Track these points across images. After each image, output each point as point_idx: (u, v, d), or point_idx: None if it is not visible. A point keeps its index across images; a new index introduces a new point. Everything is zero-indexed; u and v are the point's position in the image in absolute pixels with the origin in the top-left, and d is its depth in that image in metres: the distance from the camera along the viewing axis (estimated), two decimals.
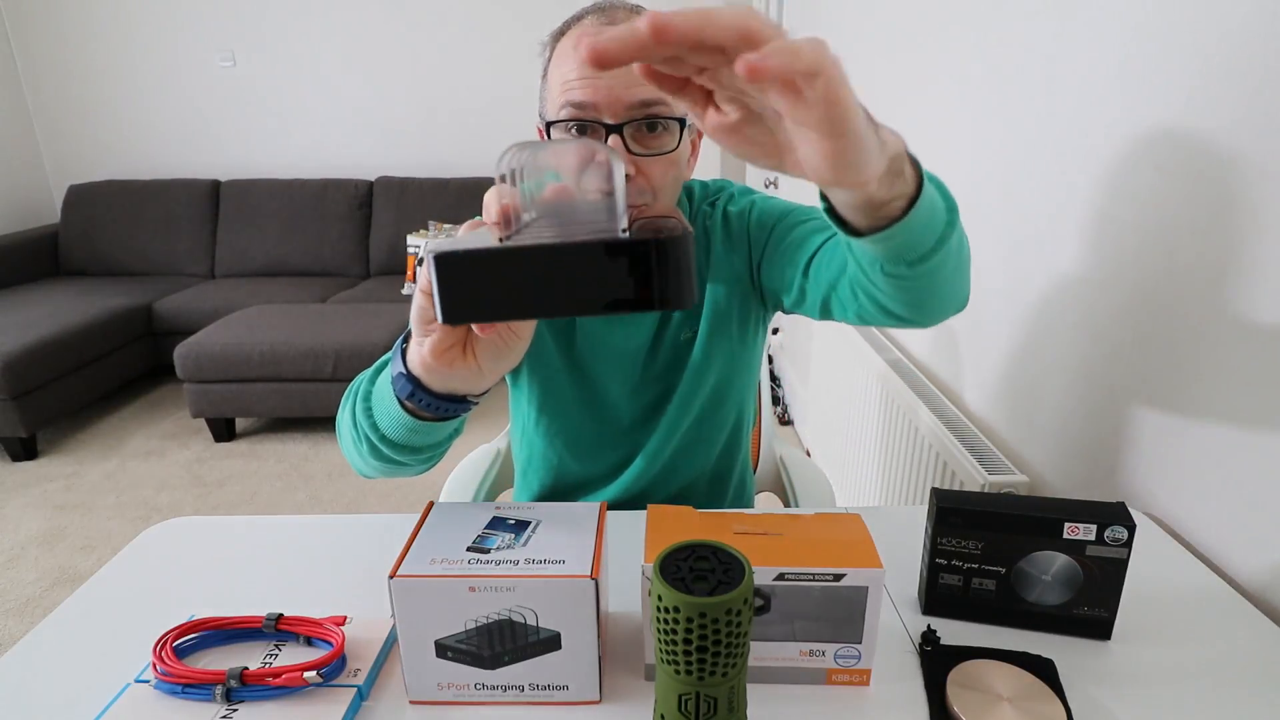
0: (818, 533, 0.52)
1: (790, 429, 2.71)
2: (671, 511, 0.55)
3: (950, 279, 0.57)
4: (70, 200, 3.45)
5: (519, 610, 0.47)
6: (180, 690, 0.50)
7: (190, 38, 3.47)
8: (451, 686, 0.50)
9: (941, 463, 1.12)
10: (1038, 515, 0.54)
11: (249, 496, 2.30)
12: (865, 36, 1.81)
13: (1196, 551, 0.72)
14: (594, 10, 0.72)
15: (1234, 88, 0.68)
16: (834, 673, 0.52)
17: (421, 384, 0.53)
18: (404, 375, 0.53)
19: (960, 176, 1.25)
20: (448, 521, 0.53)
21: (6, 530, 2.12)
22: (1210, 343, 0.71)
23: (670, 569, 0.38)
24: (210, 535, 0.72)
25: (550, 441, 0.88)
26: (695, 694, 0.38)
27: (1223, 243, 0.69)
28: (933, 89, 1.37)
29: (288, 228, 3.47)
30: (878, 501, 1.48)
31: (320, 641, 0.55)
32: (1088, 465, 0.91)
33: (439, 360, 0.50)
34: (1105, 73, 0.86)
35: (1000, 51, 1.11)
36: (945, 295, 0.58)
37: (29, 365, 2.44)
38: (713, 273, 0.83)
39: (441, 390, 0.53)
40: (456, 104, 3.61)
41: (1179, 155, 0.75)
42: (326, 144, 3.66)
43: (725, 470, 0.93)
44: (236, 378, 2.55)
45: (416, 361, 0.52)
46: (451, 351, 0.51)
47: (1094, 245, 0.89)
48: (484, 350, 0.51)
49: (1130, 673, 0.53)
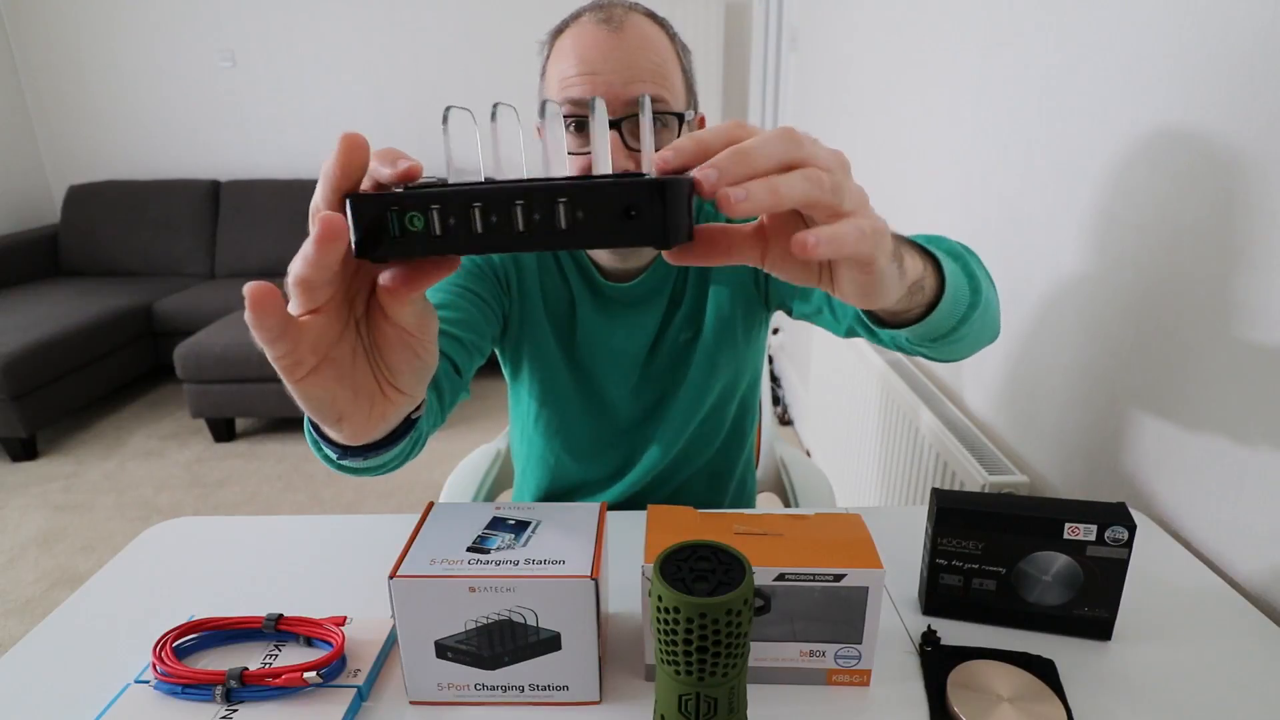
0: (818, 533, 0.52)
1: (790, 429, 2.71)
2: (671, 511, 0.55)
3: (975, 338, 0.60)
4: (70, 200, 3.45)
5: (519, 610, 0.47)
6: (180, 691, 0.50)
7: (190, 38, 3.47)
8: (451, 687, 0.50)
9: (942, 463, 1.12)
10: (1038, 515, 0.54)
11: (249, 496, 2.30)
12: (866, 36, 1.81)
13: (1196, 551, 0.72)
14: (592, 8, 0.72)
15: (1234, 88, 0.68)
16: (834, 673, 0.52)
17: (347, 448, 0.46)
18: (326, 447, 0.47)
19: (961, 176, 1.25)
20: (448, 522, 0.52)
21: (6, 530, 2.12)
22: (1211, 343, 0.71)
23: (670, 569, 0.38)
24: (210, 535, 0.72)
25: (549, 441, 0.88)
26: (695, 694, 0.38)
27: (1223, 242, 0.69)
28: (933, 89, 1.37)
29: (288, 228, 3.47)
30: (878, 501, 1.48)
31: (320, 642, 0.55)
32: (1088, 465, 0.91)
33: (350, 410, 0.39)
34: (1106, 72, 0.86)
35: (1001, 51, 1.11)
36: (971, 348, 0.62)
37: (29, 365, 2.44)
38: (715, 274, 0.82)
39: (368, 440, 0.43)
40: (456, 104, 3.60)
41: (1179, 155, 0.74)
42: (326, 144, 3.66)
43: (726, 469, 0.93)
44: (236, 378, 2.55)
45: (328, 429, 0.41)
46: (357, 394, 0.39)
47: (1094, 245, 0.88)
48: (400, 367, 0.40)
49: (1130, 673, 0.53)
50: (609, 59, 0.68)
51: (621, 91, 0.68)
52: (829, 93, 2.18)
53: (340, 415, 0.39)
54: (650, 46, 0.69)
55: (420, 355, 0.40)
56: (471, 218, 0.34)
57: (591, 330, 0.83)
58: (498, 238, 0.34)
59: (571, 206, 0.33)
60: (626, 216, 0.33)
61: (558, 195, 0.33)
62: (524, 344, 0.84)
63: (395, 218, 0.34)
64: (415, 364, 0.40)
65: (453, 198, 0.34)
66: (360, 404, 0.40)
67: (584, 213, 0.33)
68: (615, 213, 0.33)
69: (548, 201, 0.33)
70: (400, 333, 0.38)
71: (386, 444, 0.48)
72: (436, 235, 0.34)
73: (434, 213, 0.34)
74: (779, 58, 2.92)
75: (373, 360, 0.40)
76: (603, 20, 0.69)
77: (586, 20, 0.70)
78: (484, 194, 0.34)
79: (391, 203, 0.34)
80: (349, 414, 0.39)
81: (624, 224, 0.33)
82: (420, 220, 0.34)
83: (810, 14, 2.41)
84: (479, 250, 0.34)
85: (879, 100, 1.71)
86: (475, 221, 0.34)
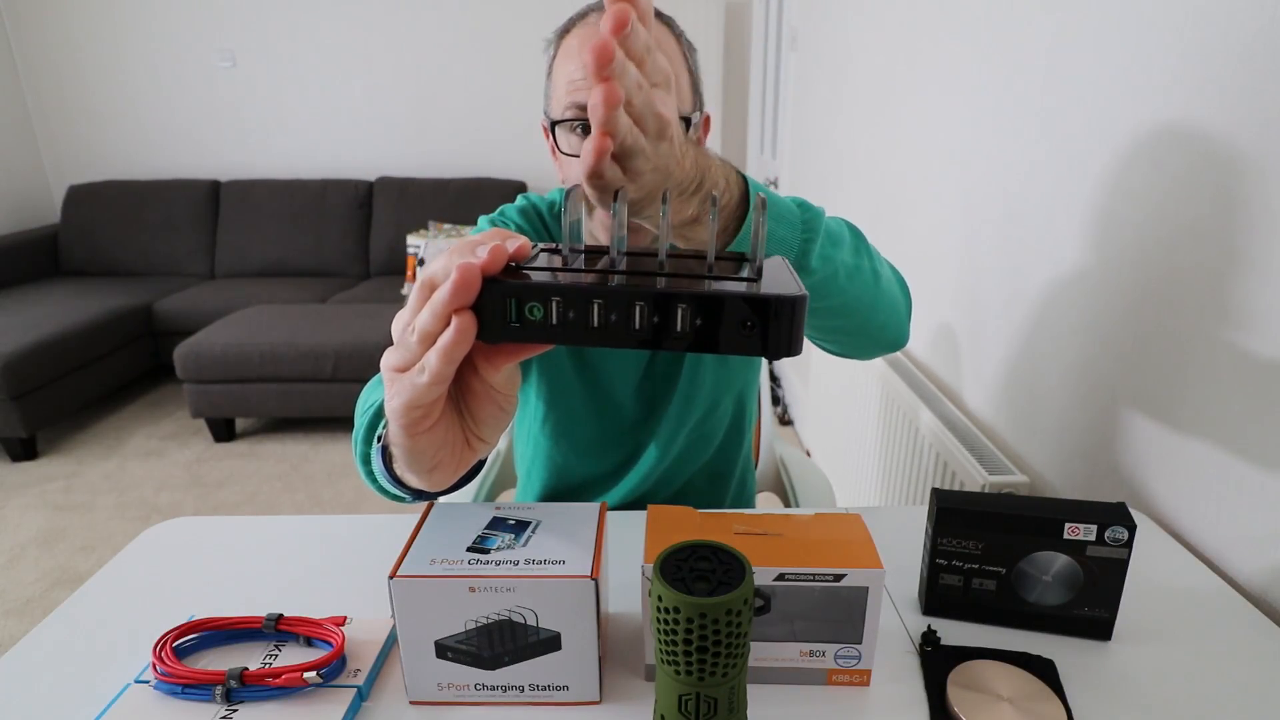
0: (818, 533, 0.52)
1: (790, 429, 2.71)
2: (671, 511, 0.55)
3: (858, 315, 0.63)
4: (70, 200, 3.46)
5: (519, 610, 0.47)
6: (180, 690, 0.50)
7: (190, 38, 3.47)
8: (451, 687, 0.50)
9: (942, 463, 1.12)
10: (1038, 515, 0.54)
11: (249, 497, 2.30)
12: (866, 36, 1.81)
13: (1196, 551, 0.72)
14: (597, 8, 0.72)
15: (1235, 87, 0.68)
16: (834, 673, 0.52)
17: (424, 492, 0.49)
18: (398, 487, 0.50)
19: (960, 176, 1.25)
20: (448, 522, 0.52)
21: (6, 530, 2.12)
22: (1211, 342, 0.71)
23: (670, 569, 0.38)
24: (210, 535, 0.72)
25: (556, 441, 0.88)
26: (695, 694, 0.38)
27: (1224, 242, 0.69)
28: (933, 88, 1.37)
29: (288, 228, 3.47)
30: (878, 501, 1.48)
31: (320, 642, 0.55)
32: (1088, 465, 0.91)
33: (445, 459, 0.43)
34: (1106, 72, 0.86)
35: (1001, 51, 1.11)
36: (860, 335, 0.65)
37: (29, 365, 2.44)
38: None
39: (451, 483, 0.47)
40: (456, 104, 3.61)
41: (1180, 154, 0.74)
42: (326, 144, 3.66)
43: (726, 468, 0.93)
44: (236, 378, 2.55)
45: (417, 477, 0.44)
46: (453, 445, 0.43)
47: (1094, 245, 0.89)
48: (486, 420, 0.43)
49: (1130, 673, 0.53)
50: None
51: None
52: (829, 93, 2.18)
53: (435, 465, 0.42)
54: (657, 47, 0.69)
55: (505, 409, 0.42)
56: (590, 314, 0.34)
57: None
58: (612, 335, 0.34)
59: (691, 314, 0.34)
60: (743, 326, 0.34)
61: (679, 302, 0.33)
62: None
63: (514, 306, 0.34)
64: (500, 416, 0.43)
65: (575, 293, 0.34)
66: (452, 454, 0.43)
67: (703, 320, 0.34)
68: (733, 323, 0.34)
69: (669, 307, 0.33)
70: (489, 389, 0.41)
71: (458, 484, 0.50)
72: (553, 326, 0.34)
73: (554, 305, 0.34)
74: (779, 58, 2.92)
75: (461, 413, 0.43)
76: None
77: (593, 20, 0.70)
78: (607, 293, 0.34)
79: (512, 292, 0.34)
80: (443, 463, 0.42)
81: (739, 333, 0.34)
82: (539, 311, 0.34)
83: (810, 14, 2.41)
84: (589, 344, 0.35)
85: (879, 100, 1.71)
86: (593, 317, 0.34)
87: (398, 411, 0.38)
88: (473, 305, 0.35)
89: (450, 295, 0.34)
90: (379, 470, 0.51)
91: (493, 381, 0.40)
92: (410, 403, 0.37)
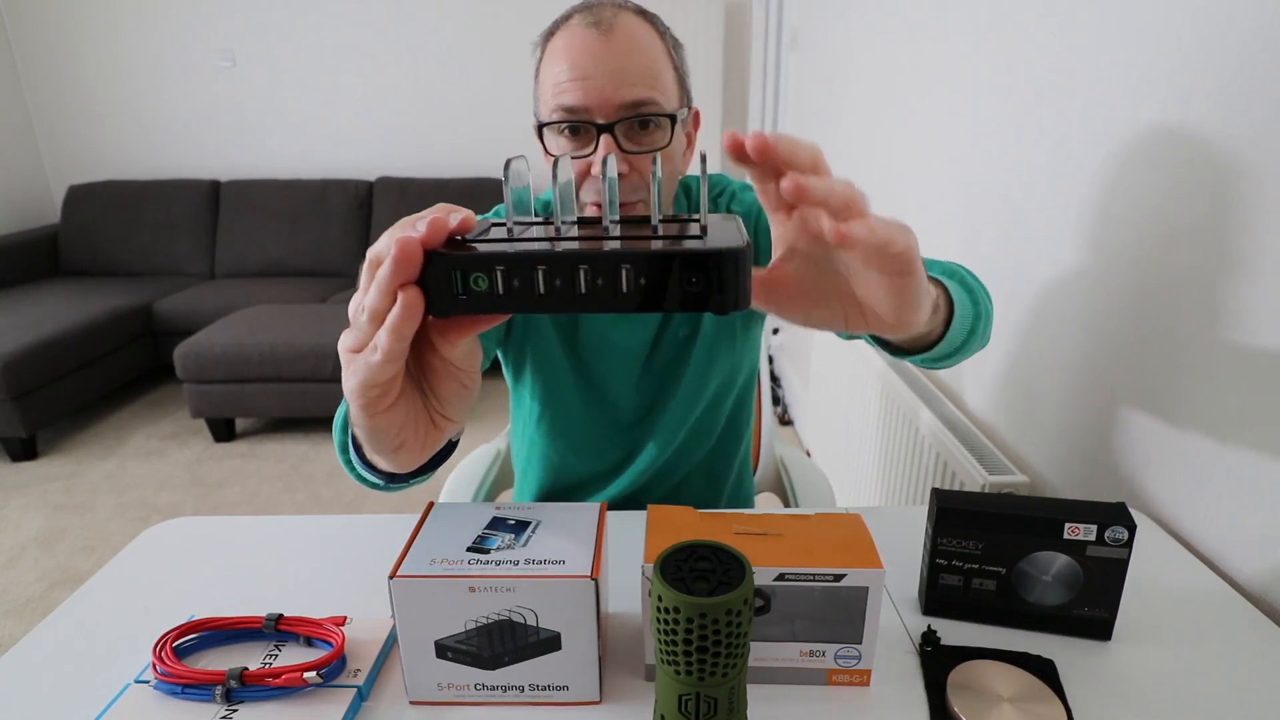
0: (818, 533, 0.52)
1: (790, 429, 2.71)
2: (671, 511, 0.55)
3: (974, 350, 0.63)
4: (70, 200, 3.45)
5: (519, 611, 0.47)
6: (180, 690, 0.50)
7: (189, 38, 3.47)
8: (451, 687, 0.50)
9: (942, 463, 1.12)
10: (1038, 515, 0.54)
11: (249, 496, 2.30)
12: (866, 36, 1.81)
13: (1196, 551, 0.72)
14: (581, 9, 0.72)
15: (1233, 87, 0.68)
16: (834, 673, 0.52)
17: (394, 475, 0.50)
18: (371, 472, 0.51)
19: (960, 176, 1.25)
20: (448, 522, 0.52)
21: (6, 530, 2.12)
22: (1210, 341, 0.71)
23: (670, 569, 0.38)
24: (210, 535, 0.72)
25: (552, 440, 0.88)
26: (695, 694, 0.38)
27: (1222, 241, 0.69)
28: (933, 89, 1.37)
29: (288, 228, 3.47)
30: (878, 501, 1.48)
31: (320, 642, 0.55)
32: (1088, 465, 0.91)
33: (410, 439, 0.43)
34: (1104, 72, 0.86)
35: (1000, 51, 1.11)
36: (966, 357, 0.65)
37: (29, 365, 2.44)
38: None
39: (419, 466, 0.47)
40: (456, 104, 3.60)
41: (1178, 154, 0.75)
42: (326, 144, 3.66)
43: (723, 467, 0.93)
44: (236, 378, 2.55)
45: (383, 458, 0.45)
46: (415, 423, 0.43)
47: (1094, 244, 0.88)
48: (449, 397, 0.43)
49: (1130, 673, 0.53)
50: (599, 63, 0.68)
51: (613, 96, 0.68)
52: (829, 93, 2.18)
53: (399, 444, 0.42)
54: (640, 48, 0.70)
55: (467, 386, 0.43)
56: (535, 280, 0.34)
57: (594, 329, 0.83)
58: (559, 300, 0.34)
59: (635, 273, 0.34)
60: (688, 284, 0.34)
61: (622, 262, 0.34)
62: (528, 345, 0.84)
63: (460, 277, 0.35)
64: (463, 394, 0.43)
65: (517, 260, 0.34)
66: (416, 433, 0.43)
67: (646, 279, 0.34)
68: (678, 281, 0.34)
69: (612, 267, 0.34)
70: (448, 366, 0.41)
71: (429, 466, 0.50)
72: (499, 295, 0.35)
73: (498, 273, 0.34)
74: (779, 57, 2.92)
75: (424, 391, 0.43)
76: (592, 23, 0.69)
77: (576, 23, 0.71)
78: (549, 258, 0.34)
79: (456, 264, 0.34)
80: (407, 443, 0.43)
81: (685, 291, 0.34)
82: (484, 281, 0.35)
83: (810, 14, 2.41)
84: (539, 310, 0.35)
85: (879, 100, 1.71)
86: (538, 283, 0.34)
87: (355, 391, 0.38)
88: (419, 280, 0.35)
89: (392, 270, 0.34)
90: (354, 456, 0.52)
91: (451, 358, 0.40)
92: (366, 382, 0.38)
